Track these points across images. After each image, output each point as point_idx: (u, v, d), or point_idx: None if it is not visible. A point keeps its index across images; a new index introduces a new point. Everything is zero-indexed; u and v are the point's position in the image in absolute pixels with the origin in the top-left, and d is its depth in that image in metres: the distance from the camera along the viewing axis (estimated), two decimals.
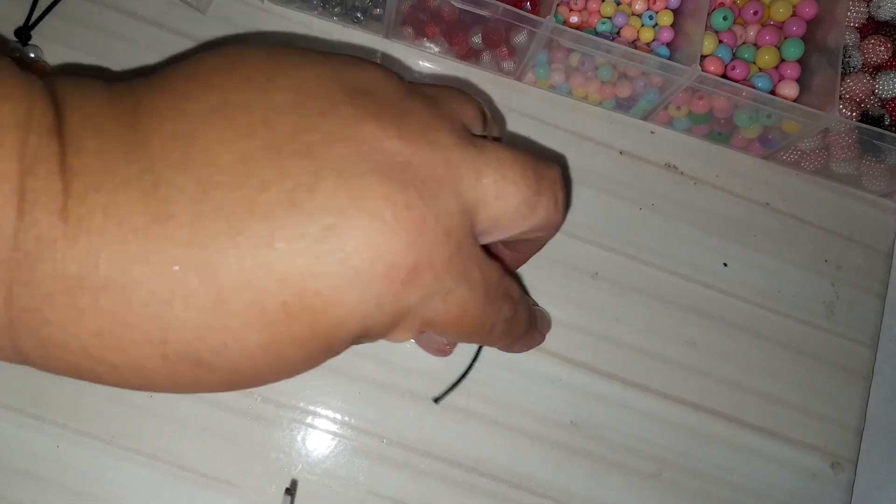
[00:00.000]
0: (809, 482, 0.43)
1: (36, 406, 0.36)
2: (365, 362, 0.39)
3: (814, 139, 0.44)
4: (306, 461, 0.38)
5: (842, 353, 0.45)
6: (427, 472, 0.39)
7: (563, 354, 0.42)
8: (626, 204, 0.45)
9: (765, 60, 0.45)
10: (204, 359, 0.17)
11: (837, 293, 0.46)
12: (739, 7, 0.45)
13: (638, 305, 0.43)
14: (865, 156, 0.45)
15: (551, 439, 0.40)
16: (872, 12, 0.45)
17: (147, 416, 0.37)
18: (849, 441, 0.44)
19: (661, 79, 0.42)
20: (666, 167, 0.46)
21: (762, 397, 0.43)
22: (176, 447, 0.37)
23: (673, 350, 0.43)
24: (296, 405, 0.38)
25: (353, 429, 0.39)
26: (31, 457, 0.35)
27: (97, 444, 0.36)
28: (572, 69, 0.44)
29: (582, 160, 0.45)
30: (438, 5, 0.41)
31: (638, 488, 0.41)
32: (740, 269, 0.45)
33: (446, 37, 0.43)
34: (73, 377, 0.18)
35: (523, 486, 0.39)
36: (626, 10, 0.45)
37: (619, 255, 0.44)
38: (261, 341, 0.17)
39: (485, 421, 0.40)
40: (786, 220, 0.47)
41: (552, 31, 0.39)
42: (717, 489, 0.42)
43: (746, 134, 0.46)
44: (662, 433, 0.42)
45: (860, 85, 0.43)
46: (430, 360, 0.40)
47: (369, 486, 0.38)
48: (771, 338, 0.44)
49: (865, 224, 0.48)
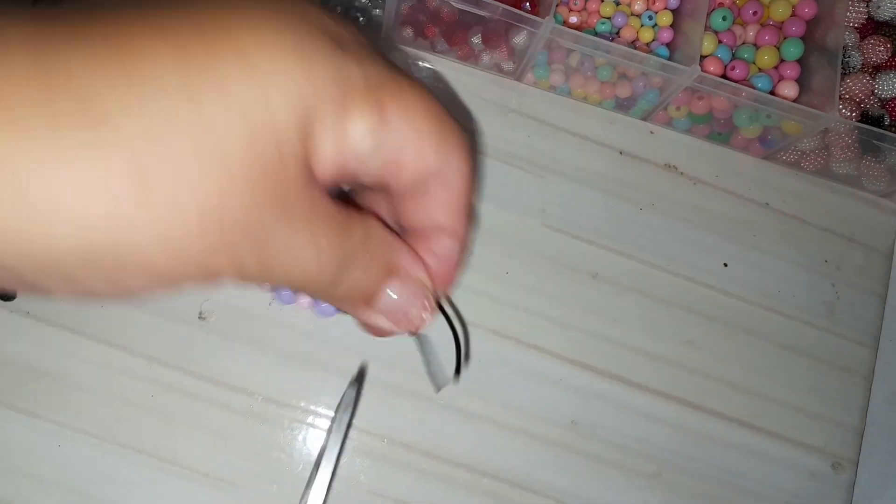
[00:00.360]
0: (810, 482, 0.43)
1: (36, 406, 0.36)
2: (367, 363, 0.39)
3: (814, 139, 0.44)
4: (307, 461, 0.38)
5: (842, 354, 0.45)
6: (428, 471, 0.39)
7: (563, 354, 0.42)
8: (626, 204, 0.45)
9: (764, 60, 0.45)
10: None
11: (838, 293, 0.46)
12: (739, 7, 0.45)
13: (638, 305, 0.43)
14: (865, 156, 0.45)
15: (551, 439, 0.40)
16: (872, 12, 0.45)
17: (148, 415, 0.37)
18: (849, 441, 0.44)
19: (661, 79, 0.42)
20: (666, 167, 0.46)
21: (762, 398, 0.43)
22: (177, 446, 0.37)
23: (673, 350, 0.43)
24: (297, 405, 0.38)
25: (353, 428, 0.39)
26: (32, 456, 0.36)
27: (98, 443, 0.36)
28: (572, 69, 0.44)
29: (582, 160, 0.45)
30: (438, 6, 0.41)
31: (638, 488, 0.41)
32: (740, 269, 0.45)
33: (446, 37, 0.43)
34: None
35: (523, 486, 0.39)
36: (625, 10, 0.45)
37: (619, 255, 0.44)
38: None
39: (485, 421, 0.40)
40: (786, 220, 0.47)
41: (552, 32, 0.39)
42: (717, 489, 0.41)
43: (746, 134, 0.46)
44: (662, 433, 0.42)
45: (860, 85, 0.43)
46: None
47: (370, 486, 0.38)
48: (771, 338, 0.44)
49: (865, 224, 0.48)
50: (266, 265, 0.18)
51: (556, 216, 0.44)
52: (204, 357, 0.38)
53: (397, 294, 0.22)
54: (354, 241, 0.20)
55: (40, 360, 0.37)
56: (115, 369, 0.37)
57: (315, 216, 0.18)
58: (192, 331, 0.38)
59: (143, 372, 0.37)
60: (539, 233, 0.43)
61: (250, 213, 0.16)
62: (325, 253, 0.19)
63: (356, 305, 0.22)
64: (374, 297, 0.22)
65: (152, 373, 0.37)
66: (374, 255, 0.21)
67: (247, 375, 0.38)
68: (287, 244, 0.18)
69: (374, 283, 0.21)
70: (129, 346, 0.37)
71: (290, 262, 0.18)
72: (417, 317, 0.23)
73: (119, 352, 0.37)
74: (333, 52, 0.17)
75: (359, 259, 0.20)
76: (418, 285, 0.22)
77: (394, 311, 0.22)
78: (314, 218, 0.18)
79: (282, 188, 0.17)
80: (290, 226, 0.18)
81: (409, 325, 0.23)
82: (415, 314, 0.23)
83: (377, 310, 0.22)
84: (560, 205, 0.44)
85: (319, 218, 0.18)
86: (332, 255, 0.19)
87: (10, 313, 0.37)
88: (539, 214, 0.44)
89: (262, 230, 0.17)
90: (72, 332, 0.37)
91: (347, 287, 0.20)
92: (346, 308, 0.22)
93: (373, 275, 0.21)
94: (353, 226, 0.20)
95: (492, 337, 0.41)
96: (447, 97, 0.45)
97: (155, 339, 0.38)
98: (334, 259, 0.19)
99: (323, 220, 0.19)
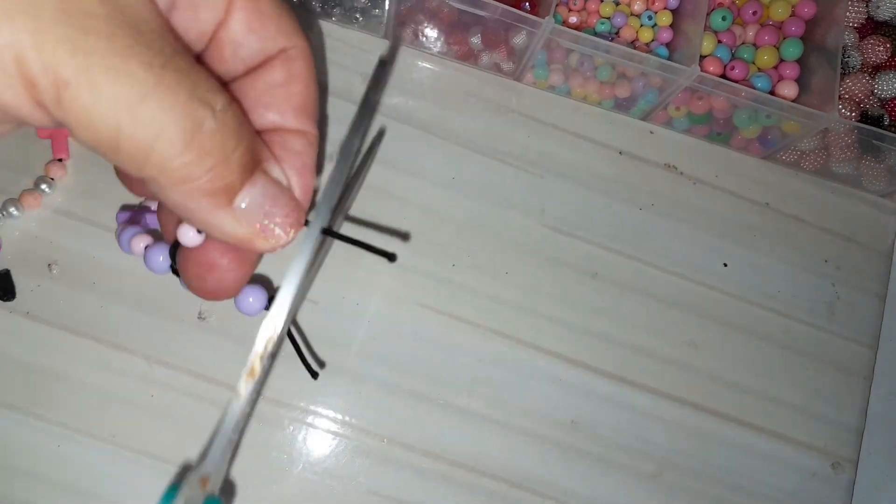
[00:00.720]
0: (810, 482, 0.43)
1: (37, 406, 0.36)
2: (366, 362, 0.39)
3: (813, 139, 0.44)
4: (307, 461, 0.38)
5: (842, 354, 0.45)
6: (428, 471, 0.39)
7: (563, 354, 0.42)
8: (625, 204, 0.45)
9: (764, 60, 0.45)
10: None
11: (837, 293, 0.46)
12: (738, 7, 0.45)
13: (638, 306, 0.43)
14: (865, 156, 0.45)
15: (551, 439, 0.40)
16: (871, 12, 0.45)
17: (147, 415, 0.37)
18: (849, 441, 0.44)
19: (661, 79, 0.42)
20: (665, 167, 0.46)
21: (762, 397, 0.43)
22: (176, 446, 0.37)
23: (673, 350, 0.43)
24: (296, 405, 0.38)
25: (353, 428, 0.39)
26: (32, 456, 0.36)
27: (97, 443, 0.36)
28: (571, 69, 0.44)
29: (581, 160, 0.45)
30: (437, 6, 0.41)
31: (638, 488, 0.41)
32: (740, 269, 0.45)
33: (445, 37, 0.43)
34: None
35: (523, 486, 0.39)
36: (624, 10, 0.45)
37: (619, 255, 0.44)
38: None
39: (485, 421, 0.40)
40: (785, 220, 0.47)
41: (551, 32, 0.39)
42: (717, 489, 0.41)
43: (746, 134, 0.46)
44: (662, 433, 0.42)
45: (859, 85, 0.43)
46: (430, 361, 0.40)
47: (370, 486, 0.38)
48: (771, 338, 0.44)
49: (865, 224, 0.48)
50: (80, 86, 0.14)
51: (555, 216, 0.44)
52: (203, 357, 0.38)
53: (262, 193, 0.18)
54: (217, 109, 0.16)
55: (39, 359, 0.37)
56: (114, 369, 0.37)
57: (164, 45, 0.15)
58: (191, 331, 0.38)
59: (143, 372, 0.37)
60: (538, 233, 0.43)
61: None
62: (177, 104, 0.15)
63: (209, 198, 0.17)
64: (234, 192, 0.18)
65: (151, 373, 0.37)
66: (239, 137, 0.17)
67: None
68: (123, 66, 0.14)
69: (236, 173, 0.17)
70: (129, 346, 0.37)
71: (120, 94, 0.14)
72: (283, 227, 0.19)
73: (118, 352, 0.37)
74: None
75: (220, 134, 0.16)
76: (283, 187, 0.19)
77: (257, 214, 0.18)
78: (163, 46, 0.15)
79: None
80: (131, 41, 0.14)
81: (271, 237, 0.19)
82: (280, 223, 0.19)
83: (234, 210, 0.18)
84: (559, 205, 0.44)
85: (171, 51, 0.15)
86: (185, 112, 0.15)
87: (9, 313, 0.37)
88: (538, 214, 0.44)
89: (86, 20, 0.14)
90: (71, 332, 0.37)
91: (199, 167, 0.16)
92: (190, 202, 0.17)
93: (235, 162, 0.17)
94: (216, 90, 0.16)
95: (492, 337, 0.41)
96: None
97: (154, 338, 0.38)
98: (188, 119, 0.15)
99: (177, 57, 0.15)
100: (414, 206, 0.42)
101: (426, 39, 0.44)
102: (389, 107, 0.44)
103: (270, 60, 0.20)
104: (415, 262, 0.41)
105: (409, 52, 0.45)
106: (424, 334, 0.40)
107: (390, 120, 0.43)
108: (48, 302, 0.37)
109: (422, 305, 0.41)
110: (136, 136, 0.15)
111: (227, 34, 0.19)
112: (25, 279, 0.38)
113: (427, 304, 0.41)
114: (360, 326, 0.40)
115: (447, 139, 0.44)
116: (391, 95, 0.44)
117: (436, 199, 0.43)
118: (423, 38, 0.44)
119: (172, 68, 0.15)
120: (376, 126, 0.43)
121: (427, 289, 0.41)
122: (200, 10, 0.18)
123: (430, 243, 0.42)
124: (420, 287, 0.41)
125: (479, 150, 0.44)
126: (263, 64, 0.20)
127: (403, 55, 0.45)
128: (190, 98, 0.15)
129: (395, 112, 0.44)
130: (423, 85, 0.45)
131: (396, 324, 0.40)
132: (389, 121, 0.43)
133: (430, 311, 0.41)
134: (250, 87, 0.20)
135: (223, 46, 0.19)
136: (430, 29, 0.43)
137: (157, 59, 0.14)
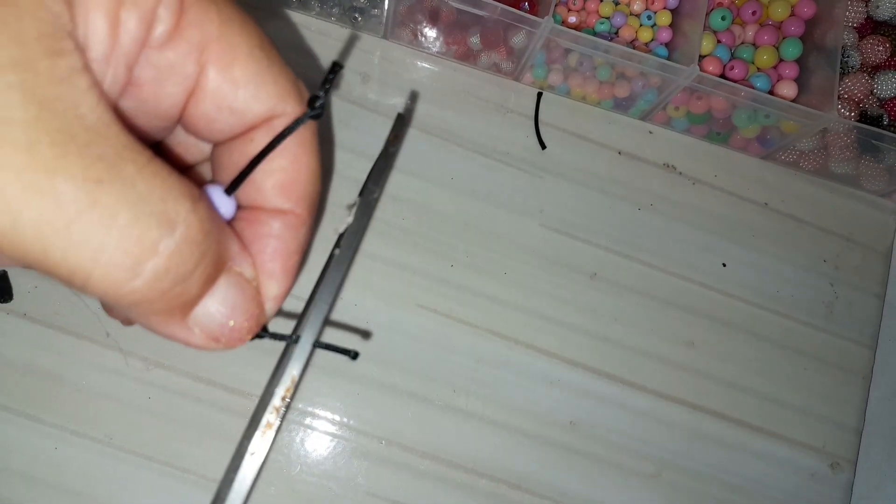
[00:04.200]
0: (809, 482, 0.43)
1: (33, 407, 0.36)
2: (364, 364, 0.39)
3: (812, 139, 0.44)
4: (305, 462, 0.38)
5: (841, 354, 0.45)
6: (426, 472, 0.39)
7: (562, 355, 0.41)
8: (625, 204, 0.45)
9: (763, 60, 0.45)
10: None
11: (836, 293, 0.46)
12: (738, 7, 0.45)
13: (636, 306, 0.43)
14: (864, 156, 0.45)
15: (551, 439, 0.40)
16: (871, 12, 0.45)
17: (145, 416, 0.37)
18: (848, 441, 0.44)
19: (660, 79, 0.42)
20: (665, 167, 0.46)
21: (761, 397, 0.43)
22: (174, 448, 0.37)
23: (672, 350, 0.43)
24: (295, 406, 0.38)
25: (352, 430, 0.38)
26: (30, 458, 0.35)
27: (95, 445, 0.36)
28: (570, 69, 0.44)
29: (580, 160, 0.45)
30: (436, 6, 0.41)
31: (637, 488, 0.41)
32: (739, 269, 0.45)
33: (444, 37, 0.43)
34: None
35: (523, 487, 0.39)
36: (624, 10, 0.45)
37: (618, 256, 0.44)
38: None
39: (484, 421, 0.40)
40: (784, 220, 0.47)
41: (550, 32, 0.39)
42: (715, 489, 0.41)
43: (745, 134, 0.45)
44: (661, 433, 0.42)
45: (859, 85, 0.43)
46: (429, 361, 0.40)
47: (368, 488, 0.38)
48: (770, 338, 0.44)
49: (864, 224, 0.48)
50: (15, 217, 0.12)
51: (554, 216, 0.44)
52: (201, 359, 0.38)
53: (222, 301, 0.16)
54: (178, 220, 0.13)
55: (37, 361, 0.37)
56: (111, 371, 0.37)
57: (107, 147, 0.12)
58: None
59: (140, 374, 0.37)
60: (537, 233, 0.43)
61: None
62: (118, 226, 0.12)
63: (161, 316, 0.15)
64: (190, 307, 0.15)
65: (149, 375, 0.37)
66: (203, 250, 0.14)
67: (244, 377, 0.38)
68: (47, 183, 0.12)
69: (195, 289, 0.15)
70: (126, 348, 0.37)
71: (43, 218, 0.12)
72: (239, 333, 0.17)
73: (115, 353, 0.37)
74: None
75: (179, 255, 0.14)
76: (248, 287, 0.17)
77: (213, 326, 0.16)
78: (104, 149, 0.12)
79: (51, 89, 0.12)
80: (59, 150, 0.12)
81: (226, 342, 0.17)
82: (237, 327, 0.16)
83: (189, 322, 0.15)
84: (558, 205, 0.44)
85: (115, 154, 0.13)
86: (130, 235, 0.13)
87: (7, 315, 0.37)
88: (537, 214, 0.43)
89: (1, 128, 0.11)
90: (68, 334, 0.37)
91: (151, 292, 0.13)
92: (139, 318, 0.15)
93: (196, 280, 0.14)
94: (179, 197, 0.13)
95: (491, 337, 0.41)
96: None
97: (151, 340, 0.37)
98: (134, 243, 0.13)
99: (123, 161, 0.13)
100: (413, 205, 0.42)
101: (425, 39, 0.44)
102: (388, 107, 0.44)
103: (252, 130, 0.17)
104: (413, 262, 0.41)
105: (407, 51, 0.45)
106: (423, 335, 0.40)
107: (389, 120, 0.43)
108: (45, 303, 0.37)
109: (420, 306, 0.41)
110: (69, 263, 0.12)
111: (197, 108, 0.16)
112: (23, 280, 0.37)
113: (425, 304, 0.41)
114: (359, 327, 0.40)
115: (446, 139, 0.44)
116: (391, 96, 0.44)
117: (434, 199, 0.42)
118: (422, 38, 0.44)
119: (115, 180, 0.12)
120: (376, 126, 0.43)
121: (425, 289, 0.41)
122: (165, 85, 0.15)
123: (428, 243, 0.42)
124: (418, 287, 0.41)
125: (478, 150, 0.44)
126: (247, 132, 0.17)
127: (403, 55, 0.45)
128: (136, 218, 0.13)
129: (394, 112, 0.43)
130: (422, 85, 0.44)
131: (395, 324, 0.40)
132: (388, 121, 0.43)
133: (428, 311, 0.41)
134: (227, 157, 0.17)
135: (196, 119, 0.16)
136: (429, 29, 0.43)
137: (93, 171, 0.12)
